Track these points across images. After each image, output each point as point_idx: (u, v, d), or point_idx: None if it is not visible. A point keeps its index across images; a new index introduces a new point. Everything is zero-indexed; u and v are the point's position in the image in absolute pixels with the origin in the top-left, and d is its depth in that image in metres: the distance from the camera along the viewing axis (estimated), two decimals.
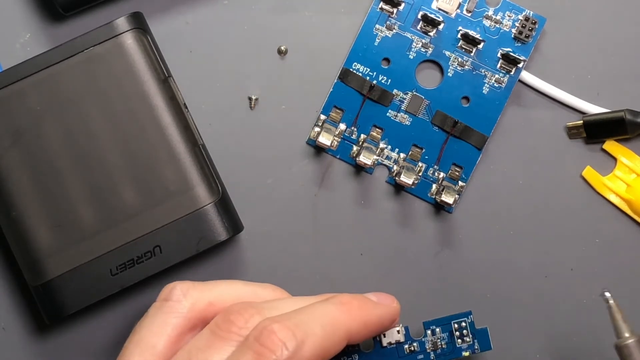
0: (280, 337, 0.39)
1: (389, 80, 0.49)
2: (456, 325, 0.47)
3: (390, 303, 0.45)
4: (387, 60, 0.50)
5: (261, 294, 0.44)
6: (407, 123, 0.49)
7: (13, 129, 0.46)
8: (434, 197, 0.49)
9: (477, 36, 0.49)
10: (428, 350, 0.47)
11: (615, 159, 0.50)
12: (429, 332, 0.47)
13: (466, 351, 0.47)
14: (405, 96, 0.49)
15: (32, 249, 0.46)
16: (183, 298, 0.43)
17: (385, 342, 0.46)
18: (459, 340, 0.47)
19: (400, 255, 0.49)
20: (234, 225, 0.47)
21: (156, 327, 0.42)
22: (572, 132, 0.50)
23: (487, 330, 0.47)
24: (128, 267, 0.46)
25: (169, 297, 0.43)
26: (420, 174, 0.49)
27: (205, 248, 0.46)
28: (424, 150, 0.49)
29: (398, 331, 0.46)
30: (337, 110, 0.50)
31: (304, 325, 0.40)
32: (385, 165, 0.50)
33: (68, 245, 0.46)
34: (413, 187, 0.48)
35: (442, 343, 0.47)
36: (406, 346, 0.47)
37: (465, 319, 0.47)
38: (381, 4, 0.49)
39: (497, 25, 0.49)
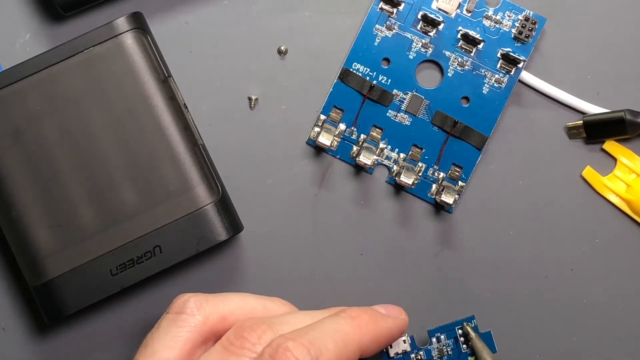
0: (296, 354, 0.39)
1: (389, 80, 0.49)
2: (460, 331, 0.47)
3: (399, 315, 0.45)
4: (387, 60, 0.50)
5: (271, 308, 0.44)
6: (407, 123, 0.49)
7: (13, 129, 0.46)
8: (434, 197, 0.49)
9: (477, 36, 0.49)
10: (435, 358, 0.47)
11: (615, 159, 0.50)
12: (434, 339, 0.47)
13: (472, 356, 0.47)
14: (405, 96, 0.49)
15: (32, 249, 0.46)
16: (197, 311, 0.42)
17: (392, 352, 0.46)
18: (464, 346, 0.47)
19: (400, 255, 0.49)
20: (234, 225, 0.47)
21: (169, 340, 0.42)
22: (572, 132, 0.50)
23: (490, 333, 0.47)
24: (128, 267, 0.46)
25: (182, 310, 0.42)
26: (420, 174, 0.49)
27: (205, 248, 0.46)
28: (424, 150, 0.49)
29: (404, 341, 0.46)
30: (337, 110, 0.50)
31: (317, 342, 0.40)
32: (385, 165, 0.50)
33: (68, 245, 0.46)
34: (413, 187, 0.48)
35: (448, 349, 0.47)
36: (413, 355, 0.47)
37: (469, 323, 0.47)
38: (381, 4, 0.49)
39: (497, 25, 0.49)
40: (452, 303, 0.49)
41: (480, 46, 0.49)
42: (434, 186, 0.49)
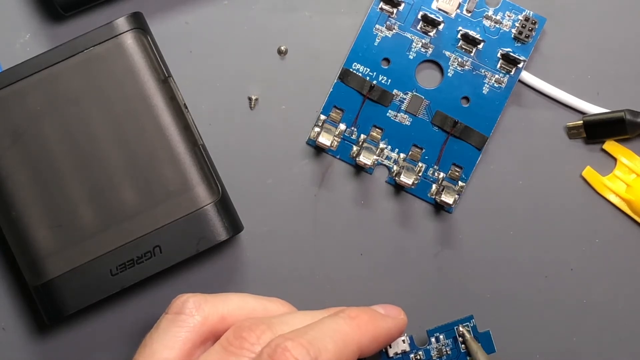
0: (294, 354, 0.39)
1: (389, 80, 0.49)
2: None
3: (398, 315, 0.45)
4: (387, 60, 0.50)
5: (270, 308, 0.44)
6: (407, 123, 0.49)
7: (13, 129, 0.46)
8: (434, 197, 0.49)
9: (477, 36, 0.49)
10: (434, 358, 0.47)
11: (615, 159, 0.50)
12: (433, 339, 0.47)
13: (470, 355, 0.47)
14: (405, 96, 0.49)
15: (32, 249, 0.46)
16: (196, 312, 0.42)
17: (391, 352, 0.46)
18: (463, 346, 0.47)
19: (400, 255, 0.49)
20: (234, 225, 0.47)
21: (168, 340, 0.42)
22: (572, 132, 0.50)
23: (489, 333, 0.47)
24: (128, 267, 0.46)
25: (181, 310, 0.42)
26: (420, 174, 0.49)
27: (205, 248, 0.46)
28: (424, 150, 0.49)
29: (403, 341, 0.46)
30: (337, 110, 0.50)
31: (316, 342, 0.40)
32: (385, 165, 0.50)
33: (68, 245, 0.46)
34: (413, 187, 0.48)
35: (447, 349, 0.47)
36: (412, 355, 0.47)
37: (468, 323, 0.47)
38: (381, 4, 0.49)
39: (497, 25, 0.49)
40: (452, 303, 0.49)
41: (480, 46, 0.49)
42: (434, 186, 0.49)
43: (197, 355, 0.42)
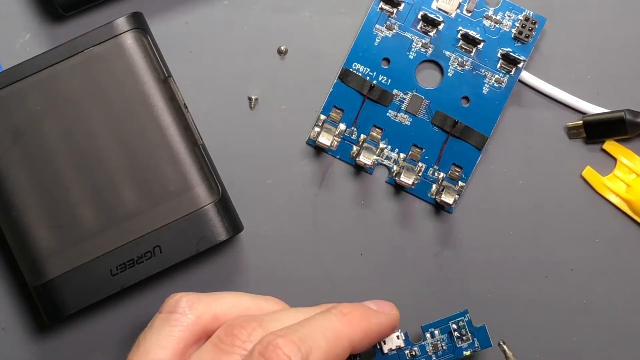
0: (286, 352, 0.39)
1: (389, 80, 0.50)
2: (454, 326, 0.47)
3: (390, 311, 0.45)
4: (387, 60, 0.50)
5: (264, 306, 0.44)
6: (407, 123, 0.49)
7: (13, 129, 0.46)
8: (434, 197, 0.49)
9: (477, 36, 0.49)
10: (429, 353, 0.47)
11: (615, 159, 0.50)
12: (428, 335, 0.47)
13: (467, 350, 0.47)
14: (405, 96, 0.49)
15: (32, 249, 0.46)
16: (189, 311, 0.42)
17: (386, 348, 0.46)
18: (459, 340, 0.47)
19: (400, 255, 0.49)
20: (234, 225, 0.47)
21: (162, 339, 0.42)
22: (572, 132, 0.50)
23: (485, 327, 0.47)
24: (128, 267, 0.46)
25: (174, 310, 0.42)
26: (420, 174, 0.49)
27: (205, 248, 0.46)
28: (424, 150, 0.49)
29: (398, 337, 0.46)
30: (337, 110, 0.50)
31: (308, 339, 0.40)
32: (385, 165, 0.50)
33: (68, 245, 0.46)
34: (413, 187, 0.48)
35: (443, 344, 0.47)
36: (407, 351, 0.47)
37: (463, 318, 0.47)
38: (381, 4, 0.49)
39: (497, 25, 0.49)
40: (452, 303, 0.49)
41: (480, 46, 0.49)
42: (434, 186, 0.49)
43: (191, 354, 0.42)
